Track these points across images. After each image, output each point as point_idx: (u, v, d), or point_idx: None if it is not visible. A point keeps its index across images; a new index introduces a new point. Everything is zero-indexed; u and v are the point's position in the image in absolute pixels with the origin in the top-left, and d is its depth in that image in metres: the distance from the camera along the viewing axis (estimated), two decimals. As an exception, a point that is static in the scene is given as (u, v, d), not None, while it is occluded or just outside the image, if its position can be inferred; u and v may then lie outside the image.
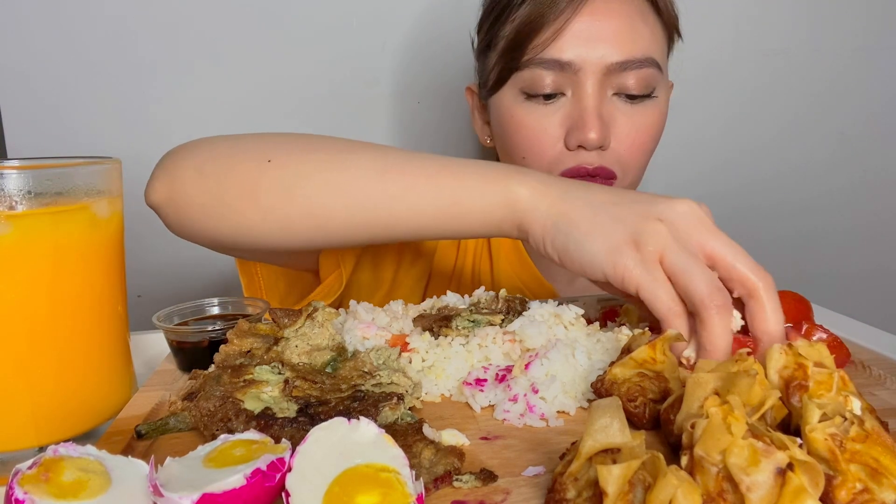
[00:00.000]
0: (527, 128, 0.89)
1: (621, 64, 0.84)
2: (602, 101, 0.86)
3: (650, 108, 0.89)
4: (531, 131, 0.89)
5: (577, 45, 0.84)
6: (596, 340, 0.60)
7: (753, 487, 0.34)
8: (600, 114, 0.85)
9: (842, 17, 1.39)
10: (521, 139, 0.90)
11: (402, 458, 0.39)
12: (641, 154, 0.90)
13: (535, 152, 0.89)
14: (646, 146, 0.90)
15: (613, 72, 0.84)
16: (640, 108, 0.88)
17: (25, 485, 0.36)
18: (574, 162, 0.87)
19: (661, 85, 0.89)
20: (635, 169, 0.90)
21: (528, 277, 0.99)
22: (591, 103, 0.85)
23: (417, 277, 0.97)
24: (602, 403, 0.39)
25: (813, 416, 0.39)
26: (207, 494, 0.36)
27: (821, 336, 0.59)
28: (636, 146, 0.88)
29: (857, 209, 1.51)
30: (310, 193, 0.64)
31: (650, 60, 0.86)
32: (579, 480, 0.38)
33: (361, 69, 1.26)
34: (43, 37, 1.14)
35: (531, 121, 0.88)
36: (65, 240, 0.50)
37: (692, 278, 0.51)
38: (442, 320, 0.62)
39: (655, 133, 0.91)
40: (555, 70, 0.85)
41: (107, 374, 0.55)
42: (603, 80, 0.85)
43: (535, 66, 0.86)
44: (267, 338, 0.60)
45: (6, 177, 0.48)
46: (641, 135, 0.88)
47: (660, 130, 0.91)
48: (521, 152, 0.91)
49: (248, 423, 0.48)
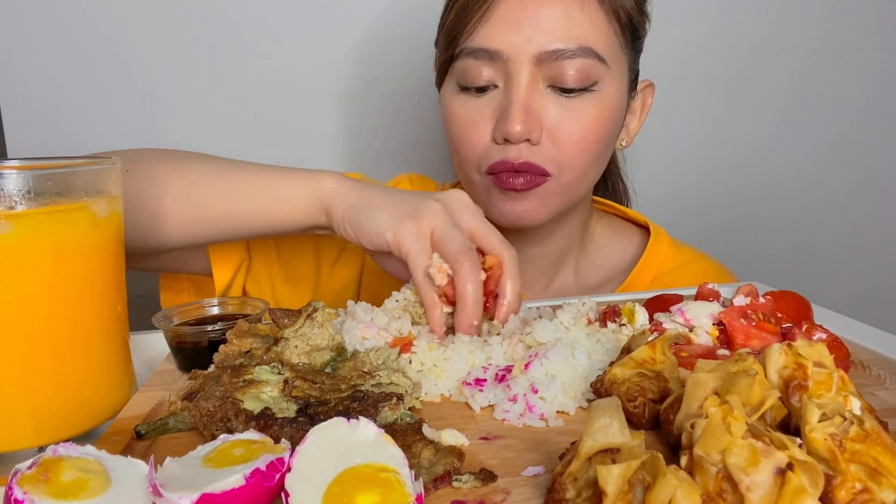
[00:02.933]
0: (458, 121, 0.86)
1: (553, 53, 0.79)
2: (532, 93, 0.81)
3: (590, 102, 0.83)
4: (461, 124, 0.86)
5: (504, 32, 0.80)
6: (596, 340, 0.60)
7: (753, 487, 0.34)
8: (527, 105, 0.81)
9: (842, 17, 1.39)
10: (453, 133, 0.88)
11: (402, 458, 0.39)
12: (580, 152, 0.83)
13: (465, 146, 0.86)
14: (585, 143, 0.83)
15: (545, 62, 0.80)
16: (578, 102, 0.82)
17: (25, 485, 0.36)
18: (500, 156, 0.83)
19: (605, 79, 0.83)
20: (573, 167, 0.84)
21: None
22: (518, 94, 0.81)
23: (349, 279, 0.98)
24: (602, 403, 0.39)
25: (813, 416, 0.39)
26: (207, 494, 0.36)
27: (821, 336, 0.59)
28: (572, 142, 0.83)
29: (857, 209, 1.51)
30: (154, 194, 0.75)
31: (587, 50, 0.80)
32: (579, 480, 0.38)
33: (361, 69, 1.26)
34: (43, 37, 1.14)
35: (462, 113, 0.86)
36: (65, 240, 0.50)
37: (452, 242, 0.64)
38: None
39: (598, 129, 0.84)
40: (484, 60, 0.82)
41: (107, 374, 0.55)
42: (534, 72, 0.81)
43: (466, 56, 0.83)
44: (266, 338, 0.60)
45: (6, 177, 0.48)
46: (579, 130, 0.82)
47: (606, 128, 0.85)
48: (455, 146, 0.89)
49: (248, 423, 0.47)
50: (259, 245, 0.93)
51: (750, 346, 0.59)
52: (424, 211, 0.66)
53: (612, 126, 0.86)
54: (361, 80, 1.27)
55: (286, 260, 0.96)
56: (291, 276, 0.96)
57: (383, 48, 1.25)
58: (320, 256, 0.98)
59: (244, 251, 0.91)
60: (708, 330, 0.62)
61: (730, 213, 1.47)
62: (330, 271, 0.98)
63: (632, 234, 1.05)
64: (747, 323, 0.60)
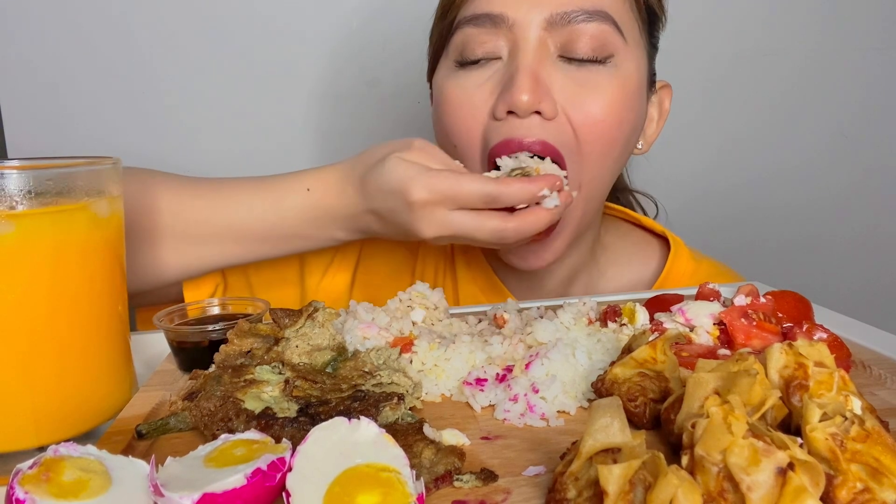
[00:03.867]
0: (451, 103, 0.74)
1: (564, 15, 0.69)
2: (542, 61, 0.70)
3: (607, 78, 0.71)
4: (455, 103, 0.74)
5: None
6: (596, 340, 0.60)
7: (754, 487, 0.34)
8: (535, 73, 0.69)
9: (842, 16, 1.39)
10: (445, 118, 0.76)
11: (403, 458, 0.39)
12: (602, 132, 0.71)
13: (459, 129, 0.74)
14: (606, 123, 0.71)
15: (556, 26, 0.70)
16: (594, 75, 0.71)
17: (26, 484, 0.36)
18: (505, 134, 0.70)
19: (622, 54, 0.73)
20: (594, 154, 0.72)
21: (485, 284, 0.93)
22: (526, 60, 0.69)
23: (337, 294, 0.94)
24: (602, 403, 0.39)
25: (813, 416, 0.39)
26: (208, 494, 0.36)
27: (821, 336, 0.59)
28: (591, 119, 0.70)
29: (857, 209, 1.51)
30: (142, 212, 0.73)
31: (603, 14, 0.70)
32: (580, 480, 0.38)
33: (361, 69, 1.26)
34: (43, 37, 1.14)
35: (458, 93, 0.74)
36: (65, 240, 0.50)
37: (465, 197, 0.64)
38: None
39: (618, 112, 0.72)
40: (486, 27, 0.71)
41: (107, 374, 0.55)
42: (544, 38, 0.70)
43: (465, 24, 0.73)
44: (267, 338, 0.60)
45: (7, 177, 0.48)
46: (597, 106, 0.71)
47: (627, 113, 0.73)
48: (448, 135, 0.76)
49: (249, 422, 0.48)
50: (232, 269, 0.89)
51: (751, 345, 0.59)
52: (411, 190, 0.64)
53: (632, 112, 0.74)
54: (361, 81, 1.27)
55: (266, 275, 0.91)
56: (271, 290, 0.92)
57: (383, 48, 1.25)
58: (306, 268, 0.93)
59: (219, 275, 0.86)
60: (709, 330, 0.62)
61: (728, 212, 1.47)
62: (318, 283, 0.93)
63: (648, 246, 0.96)
64: (748, 323, 0.60)
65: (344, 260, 0.94)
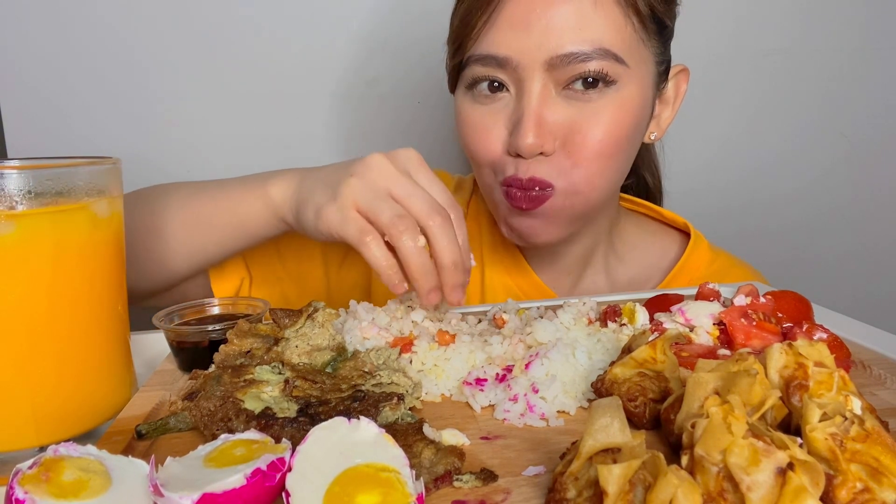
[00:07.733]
0: (471, 126, 0.82)
1: (565, 57, 0.73)
2: (545, 102, 0.76)
3: (608, 102, 0.76)
4: (474, 130, 0.81)
5: (512, 36, 0.75)
6: (596, 340, 0.60)
7: (754, 487, 0.34)
8: (539, 116, 0.76)
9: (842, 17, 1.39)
10: (467, 138, 0.83)
11: (403, 458, 0.39)
12: (594, 157, 0.77)
13: (479, 152, 0.82)
14: (601, 146, 0.77)
15: (558, 66, 0.74)
16: (595, 101, 0.76)
17: (26, 485, 0.36)
18: (512, 171, 0.79)
19: (624, 79, 0.76)
20: (585, 174, 0.78)
21: (525, 283, 0.96)
22: (531, 105, 0.75)
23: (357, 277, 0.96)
24: (602, 403, 0.39)
25: (813, 416, 0.39)
26: (208, 494, 0.36)
27: (821, 336, 0.59)
28: (586, 147, 0.77)
29: (857, 209, 1.51)
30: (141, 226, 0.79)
31: (603, 52, 0.74)
32: (580, 480, 0.38)
33: (361, 69, 1.26)
34: (43, 37, 1.14)
35: (476, 118, 0.81)
36: (65, 240, 0.50)
37: (378, 213, 0.61)
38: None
39: (616, 132, 0.77)
40: (493, 67, 0.77)
41: (107, 374, 0.55)
42: (546, 78, 0.75)
43: (474, 63, 0.78)
44: (267, 338, 0.60)
45: (6, 177, 0.48)
46: (596, 134, 0.76)
47: (625, 130, 0.78)
48: (469, 151, 0.84)
49: (249, 422, 0.48)
50: (259, 257, 0.92)
51: (750, 345, 0.59)
52: (341, 188, 0.64)
53: (631, 128, 0.80)
54: (361, 80, 1.27)
55: (293, 267, 0.95)
56: (300, 280, 0.95)
57: (383, 48, 1.25)
58: (327, 258, 0.96)
59: (243, 269, 0.90)
60: (708, 330, 0.62)
61: (730, 211, 1.47)
62: (338, 271, 0.96)
63: (668, 236, 1.01)
64: (748, 323, 0.60)
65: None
